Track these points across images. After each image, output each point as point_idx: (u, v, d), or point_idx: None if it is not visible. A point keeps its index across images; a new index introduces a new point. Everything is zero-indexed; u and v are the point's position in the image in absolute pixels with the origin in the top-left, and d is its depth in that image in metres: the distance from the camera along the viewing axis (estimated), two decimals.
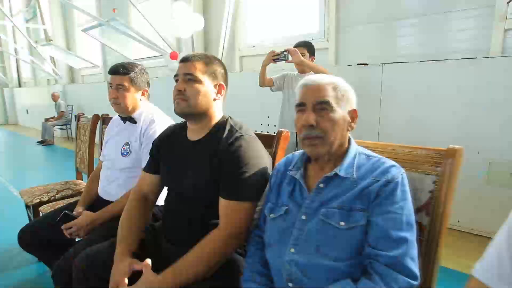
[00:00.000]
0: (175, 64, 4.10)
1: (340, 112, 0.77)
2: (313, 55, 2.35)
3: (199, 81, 1.01)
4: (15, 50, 8.52)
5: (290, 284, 0.73)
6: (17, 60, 10.14)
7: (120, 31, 4.38)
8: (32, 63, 7.94)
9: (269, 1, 3.74)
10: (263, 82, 2.33)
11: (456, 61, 2.30)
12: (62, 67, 7.80)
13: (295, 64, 2.19)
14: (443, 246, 0.82)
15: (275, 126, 3.07)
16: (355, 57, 2.99)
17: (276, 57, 2.13)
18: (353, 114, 0.81)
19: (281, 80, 2.40)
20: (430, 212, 0.83)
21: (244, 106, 3.38)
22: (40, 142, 6.66)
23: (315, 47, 3.32)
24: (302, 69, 2.26)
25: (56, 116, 7.01)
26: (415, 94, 2.47)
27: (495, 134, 2.16)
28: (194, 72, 1.01)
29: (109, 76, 1.46)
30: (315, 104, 0.77)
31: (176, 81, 1.04)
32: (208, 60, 1.06)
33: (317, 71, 2.17)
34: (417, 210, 0.85)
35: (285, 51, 2.09)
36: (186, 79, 1.01)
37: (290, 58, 2.09)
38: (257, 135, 1.10)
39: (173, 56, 4.27)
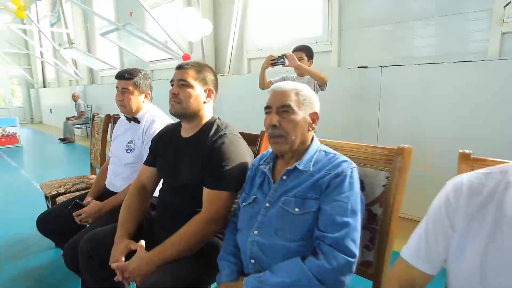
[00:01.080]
0: None
1: (301, 115, 0.89)
2: (312, 58, 2.45)
3: (191, 86, 1.15)
4: (41, 53, 9.02)
5: (252, 261, 0.86)
6: (42, 63, 10.71)
7: (135, 35, 4.62)
8: (56, 65, 8.40)
9: (275, 5, 3.86)
10: (263, 84, 2.46)
11: (453, 64, 2.34)
12: (83, 68, 8.20)
13: (294, 67, 2.30)
14: (395, 234, 0.93)
15: None
16: (357, 60, 3.06)
17: (274, 61, 2.25)
18: (314, 116, 0.92)
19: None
20: (383, 204, 0.93)
21: (251, 106, 3.50)
22: (61, 140, 7.05)
23: (319, 50, 3.44)
24: (301, 72, 2.37)
25: (76, 115, 7.39)
26: (413, 96, 2.53)
27: (490, 135, 2.20)
28: (186, 78, 1.15)
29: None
30: (279, 107, 0.89)
31: (172, 85, 1.19)
32: (200, 68, 1.20)
33: (313, 74, 2.29)
34: (373, 202, 0.96)
35: (283, 55, 2.21)
36: (179, 84, 1.16)
37: (287, 62, 2.21)
38: (242, 134, 1.23)
39: (185, 58, 4.46)
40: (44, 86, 11.44)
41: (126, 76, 1.59)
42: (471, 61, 2.28)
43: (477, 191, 0.63)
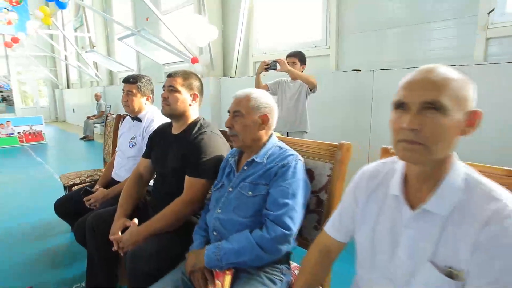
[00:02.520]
0: (196, 67, 4.56)
1: (250, 118, 1.08)
2: (304, 63, 2.63)
3: (178, 91, 1.38)
4: (65, 56, 9.60)
5: (215, 233, 1.07)
6: (66, 65, 11.36)
7: (148, 39, 4.92)
8: (79, 68, 8.92)
9: (279, 12, 4.05)
10: (258, 87, 2.66)
11: None
12: (103, 70, 8.67)
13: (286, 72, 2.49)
14: None
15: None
16: (354, 64, 3.21)
17: (267, 67, 2.44)
18: (263, 118, 1.10)
19: (275, 85, 2.71)
20: (328, 190, 1.12)
21: None
22: (82, 138, 7.52)
23: (319, 54, 3.61)
24: (293, 76, 2.56)
25: (96, 114, 7.85)
26: None
27: (473, 137, 2.29)
28: (174, 85, 1.38)
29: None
30: (233, 112, 1.10)
31: (164, 90, 1.42)
32: (186, 75, 1.43)
33: (302, 78, 2.47)
34: (320, 189, 1.14)
35: (275, 61, 2.40)
36: (169, 89, 1.39)
37: (279, 67, 2.40)
38: (223, 132, 1.44)
39: (193, 60, 4.72)
40: (68, 87, 12.12)
41: (131, 80, 1.85)
42: (454, 65, 2.39)
43: (374, 175, 0.81)
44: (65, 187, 2.53)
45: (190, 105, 1.42)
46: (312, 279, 0.86)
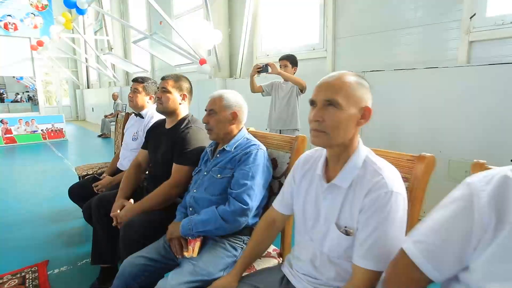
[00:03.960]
0: (204, 68, 4.83)
1: (222, 114, 1.30)
2: (295, 65, 2.81)
3: (169, 92, 1.62)
4: (86, 59, 10.14)
5: (190, 209, 1.30)
6: (86, 67, 11.95)
7: (160, 42, 5.24)
8: (98, 69, 9.42)
9: (281, 16, 4.26)
10: (253, 89, 2.87)
11: (423, 70, 2.59)
12: (120, 72, 9.12)
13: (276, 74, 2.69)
14: None
15: None
16: (348, 65, 3.37)
17: (259, 69, 2.65)
18: (233, 115, 1.31)
19: (269, 87, 2.91)
20: (286, 176, 1.32)
21: (258, 105, 3.91)
22: (99, 135, 7.97)
23: (316, 56, 3.79)
24: (284, 78, 2.75)
25: (113, 113, 8.28)
26: (390, 100, 2.79)
27: (458, 136, 2.41)
28: (166, 86, 1.62)
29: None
30: (209, 110, 1.32)
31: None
32: (177, 78, 1.67)
33: (291, 80, 2.65)
34: (282, 175, 1.34)
35: (266, 64, 2.60)
36: (162, 90, 1.63)
37: (270, 70, 2.60)
38: None
39: (201, 62, 4.99)
40: (88, 87, 12.74)
41: (139, 80, 2.12)
42: (437, 67, 2.52)
43: (307, 160, 1.01)
44: (79, 177, 2.83)
45: (180, 103, 1.66)
46: (258, 243, 1.07)
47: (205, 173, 1.33)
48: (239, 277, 1.02)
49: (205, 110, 1.35)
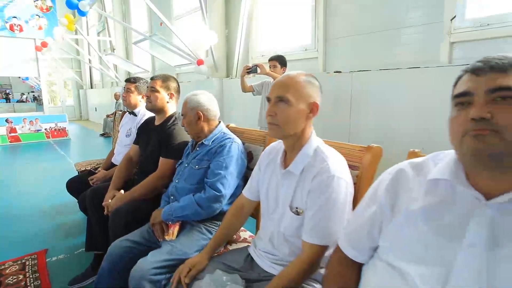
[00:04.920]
0: (201, 68, 4.96)
1: (188, 116, 1.43)
2: (284, 66, 2.93)
3: (157, 91, 1.75)
4: (89, 59, 10.34)
5: (172, 197, 1.42)
6: (89, 67, 12.16)
7: (159, 43, 5.38)
8: (101, 70, 9.61)
9: (275, 18, 4.37)
10: (244, 88, 2.99)
11: (406, 70, 2.69)
12: (122, 72, 9.29)
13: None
14: None
15: None
16: (338, 66, 3.48)
17: (249, 70, 2.77)
18: (198, 115, 1.42)
19: (260, 86, 3.03)
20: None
21: (254, 104, 4.02)
22: (101, 134, 8.14)
23: (308, 56, 3.90)
24: (272, 78, 2.87)
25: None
26: (377, 99, 2.89)
27: (442, 134, 2.49)
28: (155, 86, 1.75)
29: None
30: (182, 115, 1.45)
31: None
32: (165, 78, 1.79)
33: None
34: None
35: (255, 65, 2.72)
36: (151, 89, 1.76)
37: (259, 70, 2.72)
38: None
39: (199, 62, 5.12)
40: (91, 87, 12.95)
41: (131, 80, 2.26)
42: (419, 67, 2.62)
43: (271, 151, 1.12)
44: (78, 172, 2.97)
45: (167, 102, 1.78)
46: (228, 226, 1.19)
47: (186, 165, 1.45)
48: (209, 256, 1.14)
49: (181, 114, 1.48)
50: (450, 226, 0.60)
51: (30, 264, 2.02)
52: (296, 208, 0.95)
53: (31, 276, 1.89)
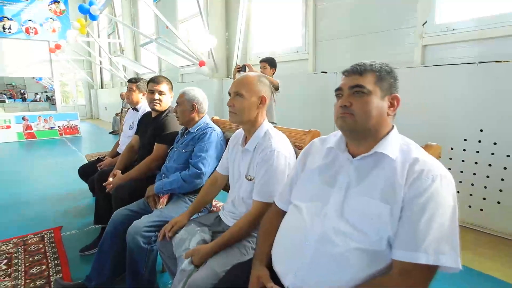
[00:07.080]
0: (203, 69, 5.30)
1: (184, 106, 1.72)
2: (274, 67, 3.22)
3: (165, 94, 2.07)
4: (100, 61, 10.81)
5: (163, 175, 1.74)
6: (100, 68, 12.66)
7: (164, 46, 5.74)
8: (111, 70, 10.06)
9: (269, 22, 4.67)
10: None
11: None
12: (131, 73, 9.72)
13: None
14: None
15: None
16: (326, 67, 3.75)
17: (239, 69, 3.08)
18: (193, 106, 1.73)
19: None
20: None
21: None
22: (111, 132, 8.56)
23: (299, 58, 4.19)
24: None
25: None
26: None
27: (415, 131, 2.73)
28: (164, 91, 2.07)
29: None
30: (177, 102, 1.76)
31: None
32: (168, 81, 2.11)
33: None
34: None
35: (244, 65, 3.03)
36: (159, 93, 2.08)
37: (247, 70, 3.02)
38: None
39: (201, 64, 5.46)
40: (102, 87, 13.46)
41: (132, 80, 2.59)
42: (399, 68, 2.87)
43: (237, 135, 1.42)
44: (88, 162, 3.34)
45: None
46: (204, 195, 1.50)
47: (176, 149, 1.77)
48: (189, 217, 1.45)
49: (177, 102, 1.79)
50: (331, 177, 0.89)
51: (48, 237, 2.37)
52: (249, 175, 1.25)
53: (49, 245, 2.24)
